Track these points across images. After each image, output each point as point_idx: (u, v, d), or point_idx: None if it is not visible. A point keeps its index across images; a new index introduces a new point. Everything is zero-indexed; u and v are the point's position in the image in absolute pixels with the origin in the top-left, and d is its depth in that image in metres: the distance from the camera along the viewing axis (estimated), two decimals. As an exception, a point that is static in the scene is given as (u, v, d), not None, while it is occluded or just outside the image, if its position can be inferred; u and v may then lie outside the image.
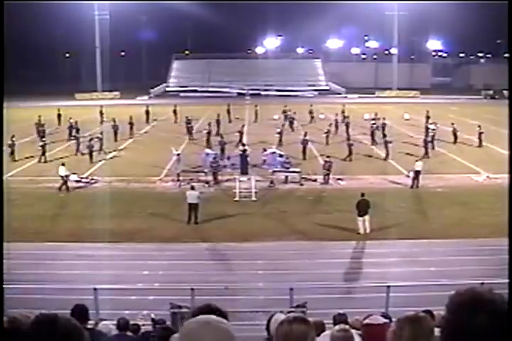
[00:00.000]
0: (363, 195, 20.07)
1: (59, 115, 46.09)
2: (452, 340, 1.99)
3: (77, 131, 37.94)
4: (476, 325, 1.92)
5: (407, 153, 32.57)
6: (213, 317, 2.24)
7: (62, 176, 25.94)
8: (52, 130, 41.50)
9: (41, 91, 75.98)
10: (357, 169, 29.51)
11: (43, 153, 31.68)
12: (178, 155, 27.92)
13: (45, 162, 31.42)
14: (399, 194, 25.05)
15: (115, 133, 39.19)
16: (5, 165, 28.87)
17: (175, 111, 48.62)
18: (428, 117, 43.51)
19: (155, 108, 51.49)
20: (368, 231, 19.52)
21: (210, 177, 26.89)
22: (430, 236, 19.13)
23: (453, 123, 37.52)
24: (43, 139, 33.30)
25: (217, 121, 41.94)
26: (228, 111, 48.66)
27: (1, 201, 18.69)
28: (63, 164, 26.48)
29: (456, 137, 36.56)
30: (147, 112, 48.78)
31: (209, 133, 36.71)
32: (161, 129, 44.25)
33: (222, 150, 31.87)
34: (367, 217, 19.56)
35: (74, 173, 27.21)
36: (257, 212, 22.30)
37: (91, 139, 32.87)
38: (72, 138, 36.01)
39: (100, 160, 31.98)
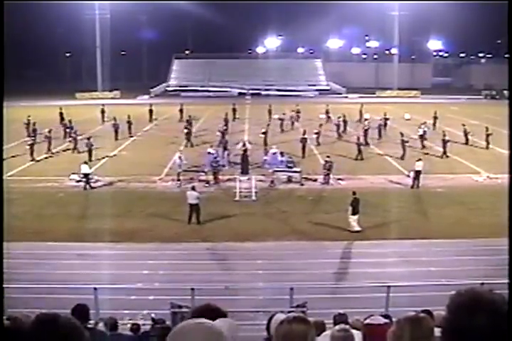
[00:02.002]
0: (354, 193, 20.14)
1: (61, 113, 46.17)
2: (452, 340, 2.00)
3: (71, 130, 38.07)
4: (476, 325, 1.93)
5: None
6: (202, 321, 2.25)
7: (85, 174, 25.91)
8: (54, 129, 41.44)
9: (42, 90, 76.03)
10: (357, 169, 29.52)
11: (32, 153, 31.77)
12: (180, 157, 27.94)
13: (34, 160, 31.56)
14: (399, 194, 25.05)
15: (116, 132, 39.38)
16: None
17: (181, 110, 48.60)
18: (435, 118, 43.65)
19: (155, 107, 51.45)
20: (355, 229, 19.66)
21: (210, 177, 26.89)
22: (430, 236, 19.13)
23: (464, 125, 37.47)
24: (32, 138, 33.41)
25: (225, 120, 42.09)
26: (234, 110, 49.01)
27: (1, 201, 18.69)
28: (86, 162, 26.59)
29: (467, 139, 36.50)
30: (150, 111, 49.03)
31: (188, 133, 36.71)
32: (163, 129, 44.25)
33: (225, 148, 31.92)
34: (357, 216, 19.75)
35: (74, 173, 27.23)
36: (257, 212, 22.29)
37: (89, 138, 32.85)
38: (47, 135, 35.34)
39: (101, 159, 31.98)
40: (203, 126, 44.21)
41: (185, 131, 36.99)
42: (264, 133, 36.19)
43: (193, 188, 21.57)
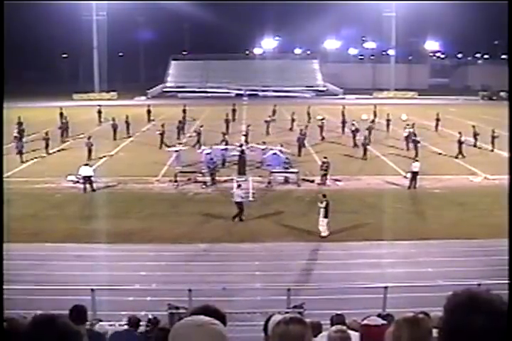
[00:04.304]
0: (324, 195, 19.86)
1: (61, 114, 46.20)
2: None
3: (64, 131, 38.10)
4: (473, 326, 1.93)
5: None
6: (204, 318, 2.24)
7: (87, 176, 25.60)
8: (51, 130, 41.38)
9: (39, 92, 75.92)
10: (354, 170, 29.52)
11: (21, 153, 31.74)
12: (177, 151, 27.86)
13: (23, 162, 31.52)
14: (396, 195, 25.04)
15: (114, 133, 39.58)
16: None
17: (184, 111, 48.38)
18: (438, 120, 43.61)
19: (153, 108, 51.42)
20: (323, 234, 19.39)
21: (207, 178, 26.85)
22: (428, 237, 19.13)
23: (474, 126, 37.11)
24: (21, 139, 33.42)
25: (226, 121, 42.39)
26: (233, 111, 49.02)
27: (1, 201, 18.67)
28: (87, 164, 26.54)
29: (476, 140, 36.15)
30: (148, 112, 49.23)
31: (162, 134, 36.56)
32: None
33: (226, 143, 31.93)
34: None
35: (71, 174, 27.18)
36: (254, 213, 22.25)
37: (89, 137, 32.87)
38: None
39: (99, 159, 31.94)
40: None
41: (158, 132, 36.63)
42: (245, 135, 36.12)
43: (239, 186, 21.73)
